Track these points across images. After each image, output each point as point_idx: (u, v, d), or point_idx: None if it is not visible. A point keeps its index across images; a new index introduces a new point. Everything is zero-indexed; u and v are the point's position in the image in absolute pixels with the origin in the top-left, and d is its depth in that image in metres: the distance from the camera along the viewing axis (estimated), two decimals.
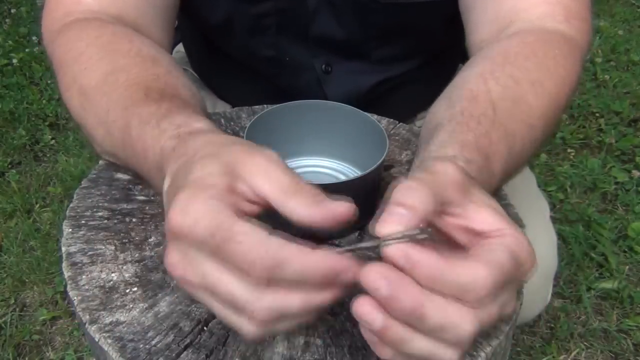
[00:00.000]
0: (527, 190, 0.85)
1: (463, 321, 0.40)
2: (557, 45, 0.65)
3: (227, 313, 0.41)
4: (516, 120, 0.58)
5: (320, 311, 0.42)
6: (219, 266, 0.40)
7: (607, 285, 1.54)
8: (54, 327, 1.53)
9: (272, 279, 0.39)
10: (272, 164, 0.43)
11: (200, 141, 0.48)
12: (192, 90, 0.63)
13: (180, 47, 1.03)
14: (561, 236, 1.69)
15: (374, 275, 0.39)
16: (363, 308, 0.40)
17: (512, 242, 0.43)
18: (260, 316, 0.40)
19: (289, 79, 0.86)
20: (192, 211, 0.40)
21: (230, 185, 0.42)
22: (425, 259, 0.39)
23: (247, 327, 0.41)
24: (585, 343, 1.44)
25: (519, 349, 1.43)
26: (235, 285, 0.40)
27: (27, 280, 1.63)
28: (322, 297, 0.41)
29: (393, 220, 0.41)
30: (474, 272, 0.40)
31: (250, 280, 0.39)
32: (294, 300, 0.40)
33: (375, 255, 0.55)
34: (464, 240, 0.45)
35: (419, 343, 0.40)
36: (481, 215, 0.44)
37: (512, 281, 0.42)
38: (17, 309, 1.57)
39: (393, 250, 0.40)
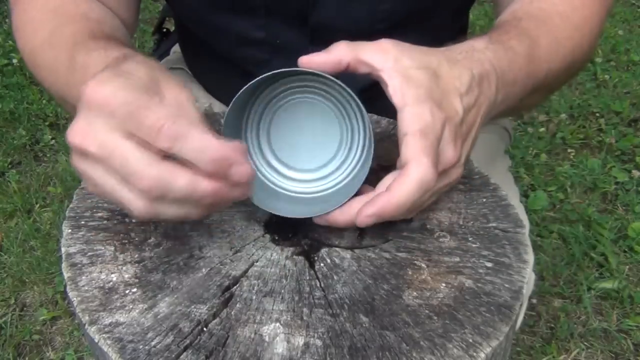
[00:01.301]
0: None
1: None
2: None
3: (116, 186, 0.46)
4: (542, 31, 0.65)
5: (202, 206, 0.47)
6: (121, 135, 0.44)
7: (607, 285, 1.54)
8: (54, 327, 1.53)
9: (170, 151, 0.44)
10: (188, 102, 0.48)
11: (141, 58, 0.53)
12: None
13: (176, 48, 1.03)
14: (561, 236, 1.69)
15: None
16: None
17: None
18: (148, 185, 0.44)
19: (282, 67, 0.85)
20: (113, 84, 0.45)
21: (150, 90, 0.47)
22: None
23: (135, 201, 0.45)
24: (585, 343, 1.44)
25: (519, 349, 1.43)
26: (132, 153, 0.44)
27: (27, 280, 1.63)
28: (206, 186, 0.45)
29: (316, 55, 0.53)
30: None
31: (149, 151, 0.44)
32: (181, 178, 0.44)
33: (375, 255, 0.56)
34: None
35: None
36: (400, 84, 0.52)
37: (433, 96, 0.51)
38: (17, 309, 1.57)
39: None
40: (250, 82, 0.54)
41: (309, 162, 0.63)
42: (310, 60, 0.54)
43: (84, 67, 0.59)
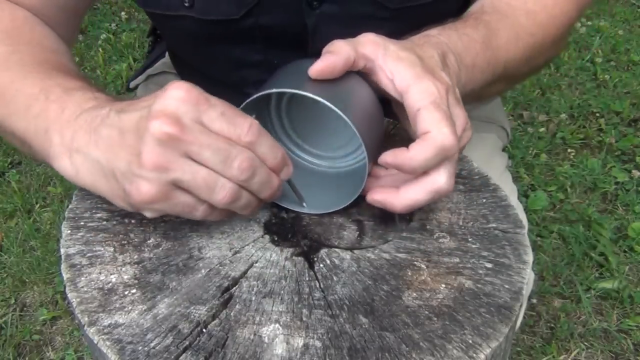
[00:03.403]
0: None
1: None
2: None
3: (210, 175, 0.50)
4: (503, 24, 0.69)
5: (258, 200, 0.53)
6: (204, 126, 0.50)
7: (607, 285, 1.54)
8: (54, 327, 1.53)
9: (251, 145, 0.50)
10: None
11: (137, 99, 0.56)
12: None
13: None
14: (561, 236, 1.69)
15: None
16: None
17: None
18: (246, 165, 0.50)
19: None
20: (176, 91, 0.50)
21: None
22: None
23: (227, 185, 0.50)
24: (585, 343, 1.44)
25: (519, 349, 1.43)
26: (224, 140, 0.50)
27: (27, 280, 1.63)
28: (275, 177, 0.53)
29: (326, 60, 0.54)
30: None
31: (242, 139, 0.50)
32: (263, 165, 0.52)
33: (374, 256, 0.55)
34: (396, 95, 0.56)
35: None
36: (397, 67, 0.55)
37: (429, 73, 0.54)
38: (17, 309, 1.57)
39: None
40: (258, 95, 0.56)
41: (329, 141, 0.66)
42: (322, 71, 0.55)
43: (57, 101, 0.58)
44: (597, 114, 2.14)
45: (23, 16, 0.71)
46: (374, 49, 0.56)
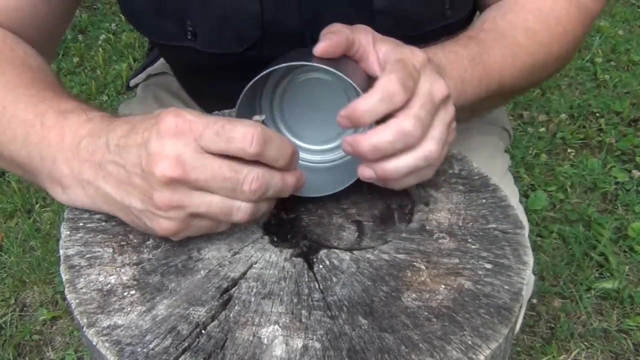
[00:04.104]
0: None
1: (406, 125, 0.53)
2: (566, 7, 0.75)
3: (225, 202, 0.50)
4: (499, 43, 0.69)
5: (273, 201, 0.55)
6: (210, 155, 0.50)
7: (607, 285, 1.54)
8: (54, 327, 1.53)
9: (259, 155, 0.50)
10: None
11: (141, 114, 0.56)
12: None
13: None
14: (561, 236, 1.68)
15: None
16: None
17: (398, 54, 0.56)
18: (256, 186, 0.50)
19: None
20: (186, 112, 0.50)
21: None
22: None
23: (244, 207, 0.51)
24: (585, 343, 1.44)
25: (519, 349, 1.43)
26: (229, 165, 0.49)
27: (27, 280, 1.63)
28: (290, 178, 0.53)
29: (329, 38, 0.56)
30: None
31: (237, 161, 0.50)
32: (274, 174, 0.52)
33: (374, 257, 0.55)
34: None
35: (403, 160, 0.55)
36: (384, 45, 0.58)
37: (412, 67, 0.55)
38: (17, 309, 1.57)
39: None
40: (263, 73, 0.56)
41: (321, 135, 0.66)
42: (326, 49, 0.56)
43: (55, 127, 0.58)
44: (597, 114, 2.13)
45: (2, 36, 0.69)
46: (365, 34, 0.58)
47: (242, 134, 0.49)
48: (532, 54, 0.72)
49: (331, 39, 0.56)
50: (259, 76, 0.56)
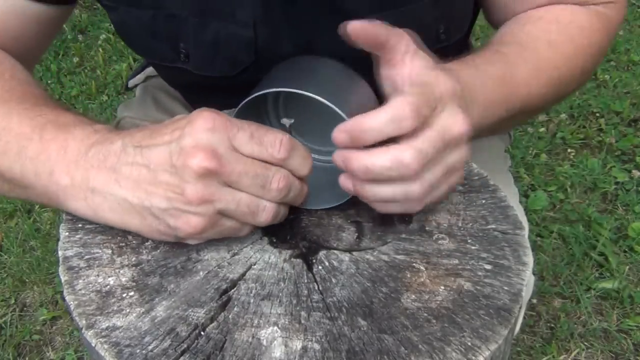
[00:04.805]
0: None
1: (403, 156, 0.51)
2: (587, 18, 0.72)
3: (252, 199, 0.52)
4: (522, 57, 0.66)
5: (287, 207, 0.57)
6: (237, 151, 0.51)
7: (607, 285, 1.54)
8: (54, 327, 1.53)
9: (283, 161, 0.52)
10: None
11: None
12: None
13: None
14: (561, 236, 1.68)
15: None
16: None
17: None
18: (283, 184, 0.52)
19: None
20: (224, 115, 0.52)
21: None
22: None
23: (269, 206, 0.53)
24: (585, 343, 1.44)
25: (519, 349, 1.43)
26: (259, 164, 0.52)
27: (27, 280, 1.63)
28: (306, 187, 0.56)
29: (366, 23, 0.53)
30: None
31: (275, 157, 0.52)
32: (295, 179, 0.54)
33: (373, 258, 0.55)
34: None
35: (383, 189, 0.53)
36: (419, 62, 0.55)
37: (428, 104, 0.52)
38: (17, 309, 1.57)
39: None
40: (254, 95, 0.56)
41: (329, 136, 0.65)
42: (355, 32, 0.53)
43: (56, 140, 0.57)
44: (597, 114, 2.13)
45: None
46: (405, 42, 0.55)
47: (271, 139, 0.52)
48: (557, 68, 0.69)
49: (369, 25, 0.53)
50: (252, 96, 0.56)
